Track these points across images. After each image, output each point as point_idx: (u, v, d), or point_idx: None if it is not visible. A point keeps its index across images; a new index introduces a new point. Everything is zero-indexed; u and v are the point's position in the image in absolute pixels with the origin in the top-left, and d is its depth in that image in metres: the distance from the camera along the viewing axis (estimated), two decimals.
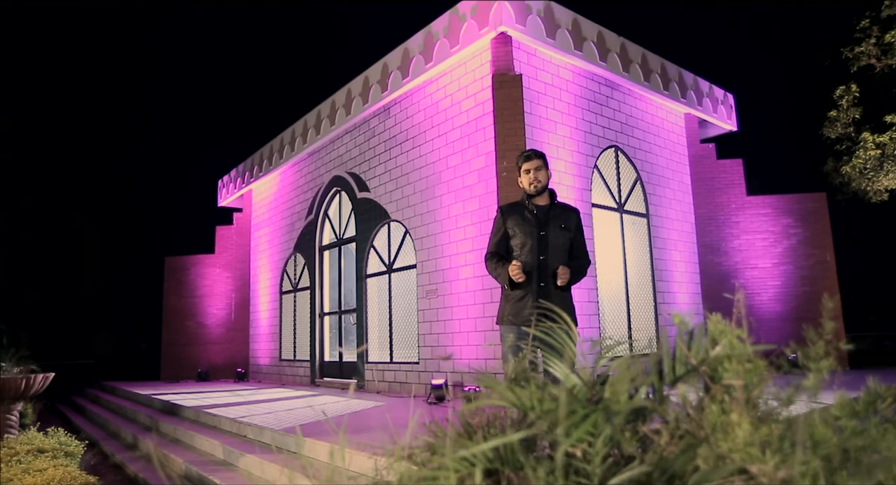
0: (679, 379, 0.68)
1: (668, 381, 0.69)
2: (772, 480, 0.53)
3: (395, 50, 8.53)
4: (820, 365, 0.66)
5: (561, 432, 0.56)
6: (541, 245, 3.23)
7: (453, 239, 7.58)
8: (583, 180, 7.82)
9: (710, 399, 0.64)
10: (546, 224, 3.28)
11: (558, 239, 3.25)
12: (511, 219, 3.35)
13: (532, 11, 7.14)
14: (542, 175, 3.35)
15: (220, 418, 6.29)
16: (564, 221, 3.32)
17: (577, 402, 0.60)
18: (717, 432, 0.58)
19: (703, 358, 0.69)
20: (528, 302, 3.13)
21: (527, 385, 0.71)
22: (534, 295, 3.14)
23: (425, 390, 7.46)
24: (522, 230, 3.27)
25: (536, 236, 3.24)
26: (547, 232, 3.25)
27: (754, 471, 0.54)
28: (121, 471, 5.85)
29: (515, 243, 3.30)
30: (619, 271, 8.23)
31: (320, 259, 10.80)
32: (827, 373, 0.68)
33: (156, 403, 8.55)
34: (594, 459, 0.63)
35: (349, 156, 9.99)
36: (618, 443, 0.64)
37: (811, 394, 0.72)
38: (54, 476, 3.23)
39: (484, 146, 7.23)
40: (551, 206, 3.39)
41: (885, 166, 10.52)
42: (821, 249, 9.62)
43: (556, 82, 7.76)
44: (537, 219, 3.30)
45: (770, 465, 0.54)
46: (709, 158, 9.95)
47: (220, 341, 13.27)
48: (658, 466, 0.55)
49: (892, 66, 11.10)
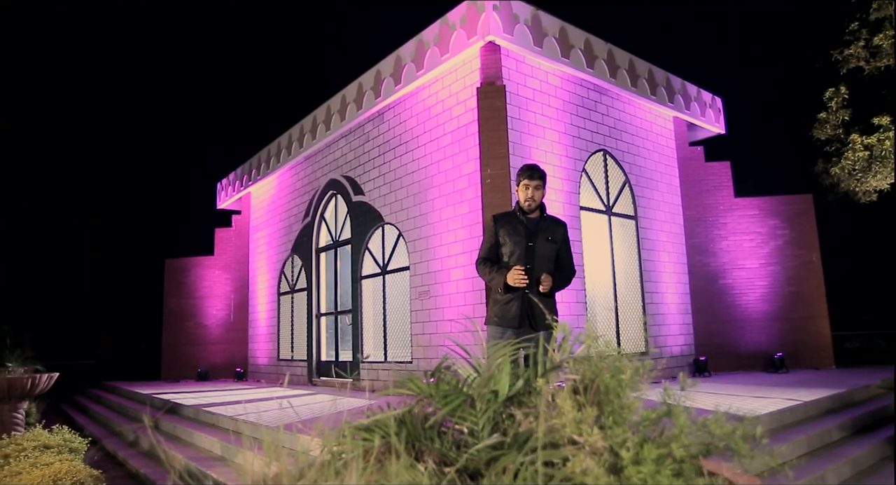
0: (544, 374, 0.89)
1: (539, 375, 0.89)
2: (593, 447, 0.74)
3: (388, 57, 8.74)
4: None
5: (441, 412, 0.77)
6: (528, 254, 3.47)
7: (445, 242, 7.79)
8: (571, 184, 8.03)
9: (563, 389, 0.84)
10: (535, 235, 3.52)
11: (545, 250, 3.50)
12: (503, 228, 3.59)
13: (519, 20, 7.35)
14: (539, 195, 3.59)
15: (218, 416, 6.51)
16: (552, 234, 3.57)
17: (460, 392, 0.81)
18: (554, 411, 0.78)
19: (566, 358, 0.89)
20: (514, 305, 3.38)
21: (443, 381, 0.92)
22: (519, 300, 3.38)
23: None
24: (512, 240, 3.52)
25: (525, 246, 3.48)
26: (535, 243, 3.50)
27: (580, 440, 0.74)
28: (123, 467, 6.07)
29: (505, 251, 3.54)
30: (607, 273, 8.44)
31: (317, 261, 11.02)
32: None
33: (156, 402, 8.77)
34: (480, 434, 0.84)
35: (345, 160, 10.20)
36: (496, 422, 0.85)
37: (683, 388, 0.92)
38: (60, 469, 3.44)
39: (474, 152, 7.44)
40: (541, 218, 3.63)
41: (873, 167, 10.69)
42: (807, 250, 9.82)
43: (545, 88, 7.97)
44: (527, 230, 3.54)
45: (595, 436, 0.75)
46: (697, 160, 10.15)
47: (219, 342, 13.50)
48: (514, 437, 0.75)
49: (881, 69, 11.28)
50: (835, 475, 4.30)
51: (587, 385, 0.83)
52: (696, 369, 9.04)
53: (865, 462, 4.72)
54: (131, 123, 34.14)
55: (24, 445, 4.16)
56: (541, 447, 0.76)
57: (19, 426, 5.47)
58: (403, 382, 0.88)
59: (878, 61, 11.14)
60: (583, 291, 7.84)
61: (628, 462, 0.73)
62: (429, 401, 0.89)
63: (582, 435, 0.75)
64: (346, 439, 0.81)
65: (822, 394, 6.07)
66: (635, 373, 0.80)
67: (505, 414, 0.85)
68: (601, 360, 0.85)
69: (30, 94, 32.81)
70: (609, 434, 0.76)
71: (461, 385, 0.86)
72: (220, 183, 15.06)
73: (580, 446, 0.75)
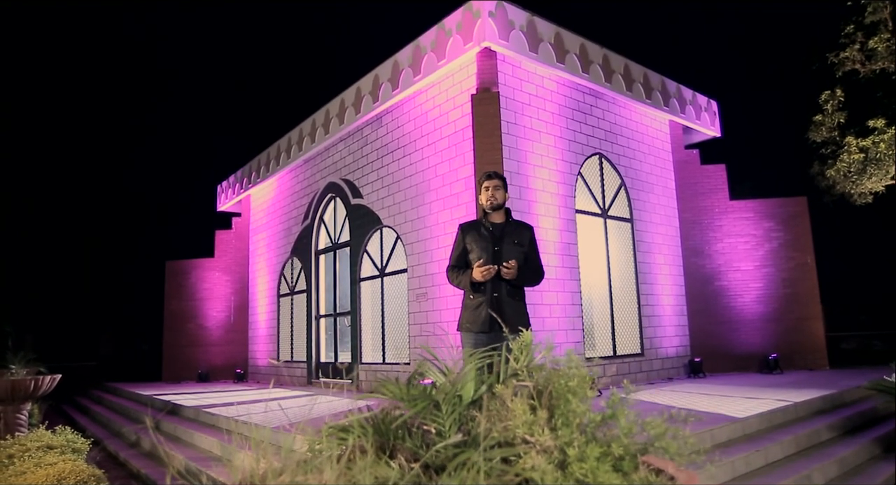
0: (503, 380, 0.98)
1: (501, 380, 0.99)
2: (543, 446, 0.83)
3: (386, 62, 8.84)
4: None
5: (408, 414, 0.87)
6: (495, 259, 3.55)
7: (442, 245, 7.89)
8: (566, 187, 8.12)
9: (519, 394, 0.94)
10: (500, 240, 3.60)
11: (512, 254, 3.57)
12: (469, 235, 3.68)
13: (515, 26, 7.44)
14: (500, 194, 3.67)
15: (218, 417, 6.61)
16: (518, 238, 3.64)
17: (427, 396, 0.91)
18: (510, 414, 0.88)
19: (524, 366, 0.99)
20: (483, 310, 3.46)
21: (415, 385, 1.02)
22: (488, 303, 3.47)
23: None
24: (479, 245, 3.60)
25: (491, 251, 3.56)
26: (501, 247, 3.57)
27: (531, 440, 0.84)
28: (124, 468, 6.17)
29: (473, 257, 3.62)
30: (602, 275, 8.53)
31: (316, 263, 11.12)
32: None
33: (157, 403, 8.87)
34: (447, 433, 0.94)
35: (343, 163, 10.31)
36: (461, 423, 0.94)
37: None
38: (64, 469, 3.54)
39: (470, 156, 7.54)
40: (506, 223, 3.71)
41: (868, 170, 10.79)
42: (801, 252, 9.91)
43: (541, 93, 8.07)
44: (492, 235, 3.63)
45: (545, 437, 0.84)
46: (693, 163, 10.25)
47: (219, 343, 13.61)
48: (473, 437, 0.85)
49: (876, 71, 11.38)
50: (821, 475, 4.39)
51: (541, 391, 0.92)
52: (692, 369, 9.13)
53: (853, 462, 4.81)
54: (132, 126, 34.29)
55: (28, 445, 4.26)
56: (496, 446, 0.86)
57: (23, 427, 5.57)
58: (378, 387, 0.98)
59: (874, 64, 11.24)
60: (578, 293, 7.93)
61: (573, 459, 0.82)
62: (400, 404, 0.99)
63: (534, 435, 0.85)
64: (325, 439, 0.91)
65: (813, 395, 6.16)
66: (582, 381, 0.89)
67: (469, 416, 0.95)
68: (555, 368, 0.94)
69: (32, 96, 32.96)
70: (559, 435, 0.86)
71: (430, 390, 0.96)
72: (221, 185, 15.17)
73: (532, 445, 0.85)
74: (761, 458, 4.40)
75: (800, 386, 7.12)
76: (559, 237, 7.85)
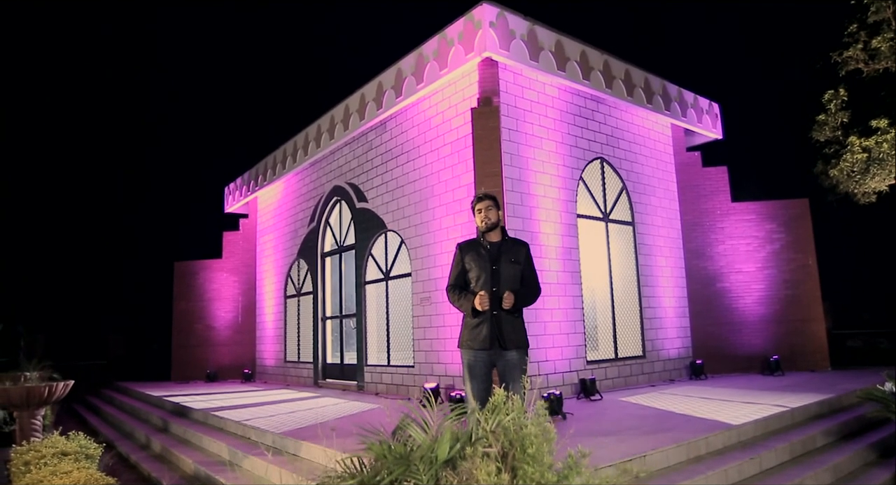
0: (474, 442, 1.10)
1: (471, 441, 1.11)
2: None
3: (389, 69, 8.94)
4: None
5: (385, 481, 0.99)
6: (493, 278, 3.67)
7: (444, 250, 8.00)
8: (568, 192, 8.22)
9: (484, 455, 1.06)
10: (498, 259, 3.72)
11: (509, 271, 3.69)
12: (468, 255, 3.79)
13: (516, 36, 7.52)
14: (493, 214, 3.79)
15: (226, 420, 6.77)
16: (514, 255, 3.76)
17: (405, 460, 1.03)
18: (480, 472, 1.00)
19: (492, 428, 1.11)
20: (484, 328, 3.58)
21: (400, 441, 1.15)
22: (488, 322, 3.59)
23: (420, 392, 7.90)
24: (477, 265, 3.72)
25: (489, 270, 3.68)
26: (499, 266, 3.69)
27: None
28: (135, 471, 6.35)
29: (472, 276, 3.74)
30: (604, 278, 8.63)
31: (322, 265, 11.27)
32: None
33: (167, 404, 9.06)
34: None
35: (349, 167, 10.43)
36: (437, 479, 1.06)
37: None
38: (79, 478, 3.70)
39: (472, 163, 7.63)
40: (503, 241, 3.82)
41: (871, 169, 10.79)
42: (803, 254, 9.97)
43: (542, 99, 8.15)
44: (490, 254, 3.74)
45: None
46: (694, 165, 10.31)
47: (227, 343, 13.81)
48: None
49: (880, 71, 11.36)
50: (814, 482, 4.48)
51: (507, 453, 1.04)
52: (693, 371, 9.23)
53: (846, 468, 4.90)
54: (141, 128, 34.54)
55: (44, 451, 4.42)
56: None
57: (37, 432, 5.75)
58: (370, 445, 1.10)
59: (877, 64, 11.23)
60: (580, 297, 8.03)
61: None
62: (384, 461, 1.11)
63: None
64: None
65: (811, 400, 6.24)
66: (540, 448, 1.01)
67: (444, 475, 1.07)
68: (518, 431, 1.06)
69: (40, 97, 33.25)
70: None
71: (409, 450, 1.08)
72: (228, 187, 15.35)
73: None
74: (755, 465, 4.50)
75: (800, 389, 7.20)
76: (561, 242, 7.95)
